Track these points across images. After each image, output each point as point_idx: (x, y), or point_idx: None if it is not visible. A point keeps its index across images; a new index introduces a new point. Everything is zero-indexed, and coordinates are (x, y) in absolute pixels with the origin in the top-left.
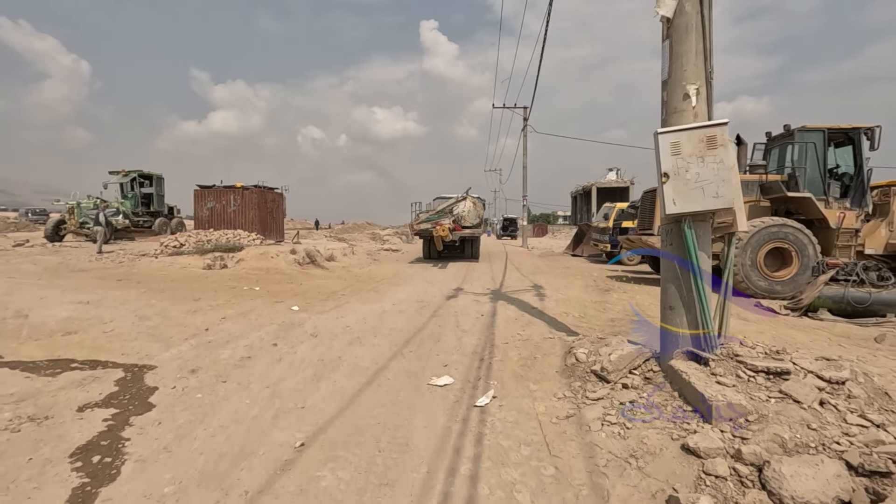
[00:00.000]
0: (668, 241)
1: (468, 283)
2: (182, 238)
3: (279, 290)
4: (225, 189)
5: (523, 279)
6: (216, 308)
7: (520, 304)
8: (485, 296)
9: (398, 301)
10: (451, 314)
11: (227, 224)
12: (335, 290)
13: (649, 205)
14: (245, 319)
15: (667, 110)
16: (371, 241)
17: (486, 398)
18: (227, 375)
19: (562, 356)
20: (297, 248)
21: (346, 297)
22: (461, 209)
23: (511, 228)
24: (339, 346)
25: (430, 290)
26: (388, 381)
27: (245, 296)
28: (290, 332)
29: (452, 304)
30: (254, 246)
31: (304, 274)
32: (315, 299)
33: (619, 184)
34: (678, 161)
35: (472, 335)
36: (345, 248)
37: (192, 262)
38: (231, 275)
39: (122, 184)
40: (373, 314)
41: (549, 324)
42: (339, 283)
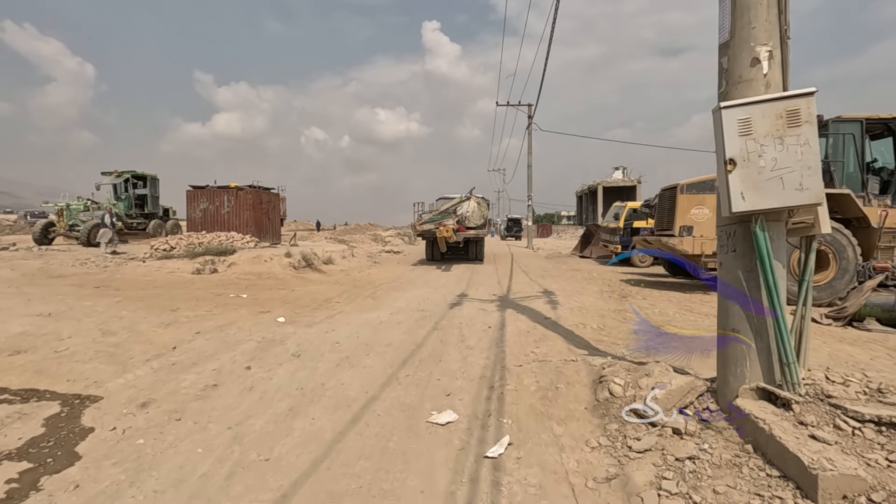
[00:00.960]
0: (730, 246)
1: (473, 288)
2: (173, 241)
3: (268, 297)
4: (218, 189)
5: (532, 284)
6: (193, 320)
7: (530, 313)
8: (491, 303)
9: (397, 310)
10: (454, 326)
11: (220, 226)
12: (329, 298)
13: (669, 203)
14: (221, 335)
15: (727, 80)
16: (372, 242)
17: (499, 447)
18: (184, 410)
19: (590, 385)
20: (292, 251)
21: (341, 306)
22: (465, 209)
23: (515, 229)
24: (324, 370)
25: (432, 297)
26: (377, 419)
27: (229, 305)
28: (270, 352)
29: (456, 313)
30: (247, 249)
31: (299, 279)
32: (306, 308)
33: (625, 183)
34: (748, 143)
35: (480, 353)
36: (344, 251)
37: (182, 267)
38: (220, 280)
39: (116, 185)
40: (367, 326)
41: (567, 338)
42: (335, 289)
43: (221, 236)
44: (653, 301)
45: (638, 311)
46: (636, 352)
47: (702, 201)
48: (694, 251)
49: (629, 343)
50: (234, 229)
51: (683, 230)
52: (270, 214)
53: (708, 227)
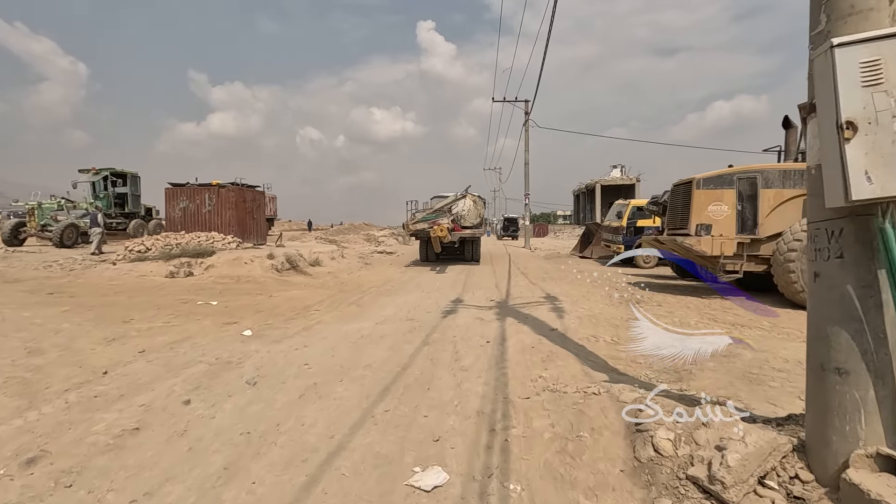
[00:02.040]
0: (833, 250)
1: (469, 292)
2: (149, 242)
3: (241, 305)
4: (199, 187)
5: (532, 287)
6: (144, 334)
7: (533, 323)
8: (489, 310)
9: (384, 319)
10: (447, 339)
11: (201, 226)
12: (309, 305)
13: (682, 200)
14: (169, 354)
15: (831, 14)
16: (365, 242)
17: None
18: (82, 470)
19: (623, 434)
20: (275, 253)
21: (320, 314)
22: (461, 208)
23: (512, 228)
24: (284, 403)
25: (423, 303)
26: (341, 483)
27: (193, 314)
28: (220, 378)
29: (450, 323)
30: (228, 250)
31: (281, 282)
32: (280, 318)
33: (624, 181)
34: (877, 98)
35: (477, 377)
36: (333, 252)
37: (154, 270)
38: (193, 285)
39: (94, 183)
40: (346, 341)
41: (579, 356)
42: (318, 295)
43: (201, 237)
44: (669, 308)
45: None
46: (663, 373)
47: (719, 197)
48: (713, 252)
49: (650, 359)
50: (215, 229)
51: (701, 229)
52: (255, 213)
53: (726, 225)
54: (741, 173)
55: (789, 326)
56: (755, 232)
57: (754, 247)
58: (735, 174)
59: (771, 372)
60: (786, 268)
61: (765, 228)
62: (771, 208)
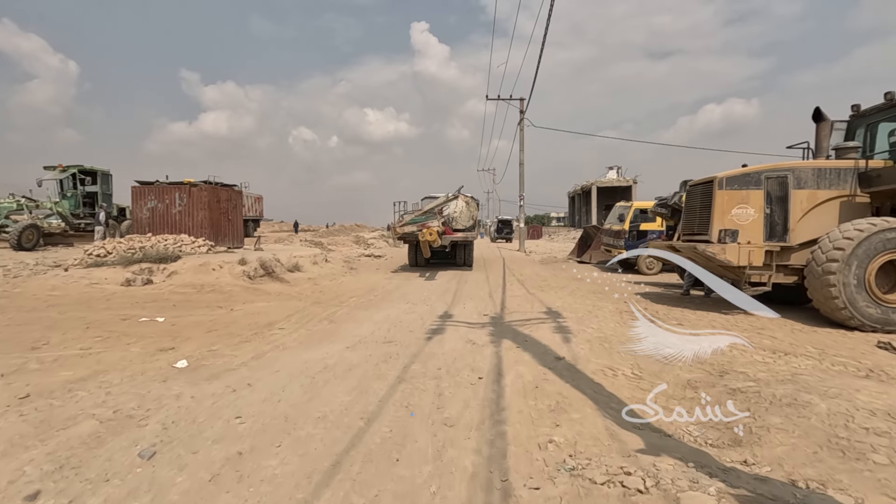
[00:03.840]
0: None
1: (460, 304)
2: (110, 245)
3: (192, 322)
4: (169, 186)
5: (531, 299)
6: (47, 367)
7: (535, 348)
8: (482, 329)
9: (357, 341)
10: (430, 374)
11: (171, 227)
12: (273, 321)
13: (701, 201)
14: (58, 402)
15: None
16: (354, 245)
17: None
18: None
19: None
20: (248, 258)
21: (283, 335)
22: (452, 209)
23: (506, 231)
24: (184, 490)
25: (407, 318)
26: None
27: (126, 336)
28: (104, 448)
29: (435, 348)
30: (197, 255)
31: (251, 291)
32: (232, 340)
33: (620, 183)
34: None
35: (465, 438)
36: (317, 256)
37: (110, 277)
38: (147, 295)
39: (62, 181)
40: (302, 377)
41: (598, 402)
42: (288, 308)
43: (168, 239)
44: (693, 326)
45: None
46: (711, 429)
47: (745, 199)
48: (739, 262)
49: (683, 398)
50: (186, 231)
51: (725, 235)
52: (231, 214)
53: (753, 230)
54: (770, 172)
55: (840, 353)
56: (785, 239)
57: (784, 255)
58: (763, 173)
59: (864, 434)
60: (824, 281)
61: (796, 235)
62: (803, 212)
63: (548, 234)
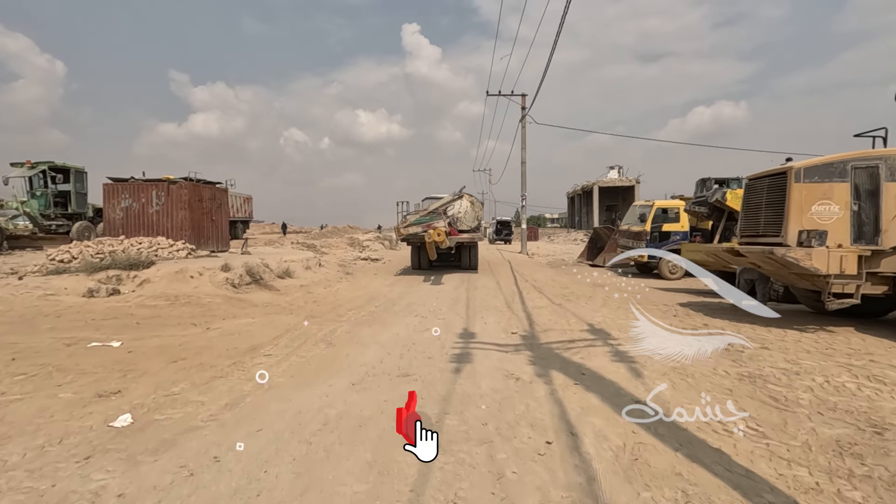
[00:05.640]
0: None
1: (478, 316)
2: (76, 249)
3: (155, 346)
4: (145, 184)
5: (558, 311)
6: None
7: (602, 387)
8: (517, 354)
9: (364, 373)
10: (475, 436)
11: (147, 229)
12: (258, 344)
13: (769, 197)
14: None
15: None
16: (348, 247)
17: None
18: None
19: None
20: (232, 264)
21: (270, 363)
22: (457, 209)
23: (505, 232)
24: None
25: (420, 339)
26: None
27: (60, 372)
28: None
29: (469, 386)
30: (175, 260)
31: (234, 303)
32: (201, 375)
33: (623, 182)
34: None
35: None
36: (309, 260)
37: (71, 286)
38: (108, 309)
39: (31, 178)
40: (295, 440)
41: (740, 486)
42: (276, 325)
43: (143, 242)
44: (787, 354)
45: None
46: None
47: (827, 193)
48: (829, 269)
49: (856, 480)
50: (164, 233)
51: (810, 237)
52: (214, 215)
53: (839, 231)
54: (858, 160)
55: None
56: (876, 241)
57: (873, 261)
58: (849, 162)
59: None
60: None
61: (890, 237)
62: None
63: (546, 235)
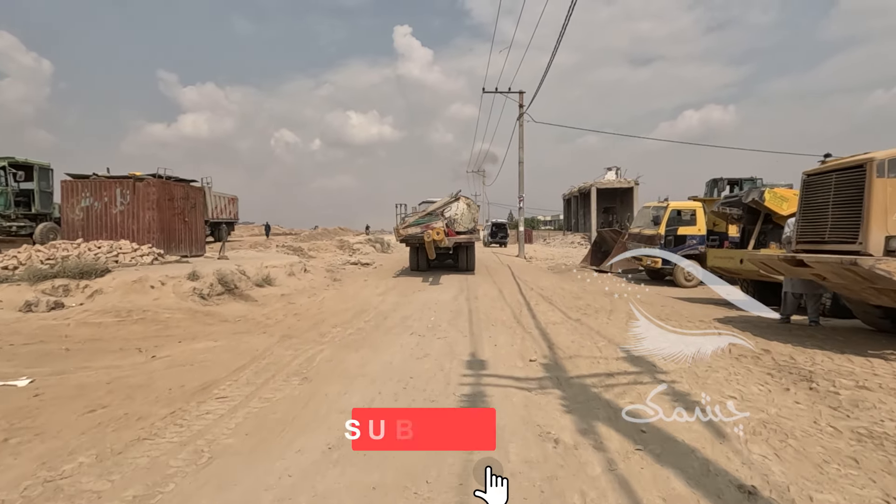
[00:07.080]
0: None
1: (485, 335)
2: (24, 255)
3: (76, 385)
4: (108, 181)
5: (579, 329)
6: None
7: (676, 459)
8: (545, 395)
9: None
10: None
11: (110, 231)
12: (211, 380)
13: (837, 196)
14: None
15: None
16: (337, 250)
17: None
18: None
19: None
20: (202, 271)
21: (218, 416)
22: (454, 211)
23: (500, 235)
24: None
25: (420, 370)
26: None
27: None
28: None
29: (489, 454)
30: (137, 266)
31: (198, 318)
32: (117, 439)
33: (621, 184)
34: None
35: None
36: (293, 265)
37: (7, 299)
38: (39, 330)
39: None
40: None
41: None
42: (241, 349)
43: (102, 247)
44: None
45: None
46: None
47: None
48: None
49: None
50: (128, 236)
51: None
52: (188, 216)
53: None
54: None
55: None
56: None
57: None
58: None
59: None
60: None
61: None
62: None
63: (540, 237)
